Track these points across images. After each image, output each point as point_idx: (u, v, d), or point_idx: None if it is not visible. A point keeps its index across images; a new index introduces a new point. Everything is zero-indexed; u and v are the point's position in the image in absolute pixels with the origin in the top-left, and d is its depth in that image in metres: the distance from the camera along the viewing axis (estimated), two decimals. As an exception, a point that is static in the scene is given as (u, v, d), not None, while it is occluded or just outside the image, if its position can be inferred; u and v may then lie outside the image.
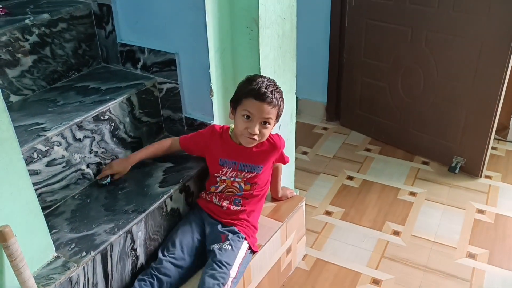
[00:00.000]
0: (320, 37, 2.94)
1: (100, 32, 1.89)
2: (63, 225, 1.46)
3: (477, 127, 2.43)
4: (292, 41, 1.88)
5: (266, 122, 1.51)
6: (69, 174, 1.56)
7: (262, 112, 1.48)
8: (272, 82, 1.53)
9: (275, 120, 1.55)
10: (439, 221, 2.25)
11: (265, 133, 1.53)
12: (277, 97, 1.50)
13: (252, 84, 1.50)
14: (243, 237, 1.57)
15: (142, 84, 1.78)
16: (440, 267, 1.99)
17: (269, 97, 1.48)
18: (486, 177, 2.54)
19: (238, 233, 1.56)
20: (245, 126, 1.51)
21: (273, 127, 1.58)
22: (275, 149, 1.63)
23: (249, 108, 1.49)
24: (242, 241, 1.56)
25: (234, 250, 1.51)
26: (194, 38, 1.66)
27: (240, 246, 1.54)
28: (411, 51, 2.54)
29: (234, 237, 1.54)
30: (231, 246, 1.51)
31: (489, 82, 2.30)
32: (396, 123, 2.78)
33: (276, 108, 1.51)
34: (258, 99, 1.48)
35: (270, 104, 1.48)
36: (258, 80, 1.51)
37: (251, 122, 1.50)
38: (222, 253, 1.48)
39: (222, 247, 1.50)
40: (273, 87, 1.50)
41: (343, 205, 2.38)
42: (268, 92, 1.48)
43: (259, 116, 1.49)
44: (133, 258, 1.51)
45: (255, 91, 1.48)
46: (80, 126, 1.56)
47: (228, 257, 1.48)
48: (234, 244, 1.52)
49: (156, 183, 1.64)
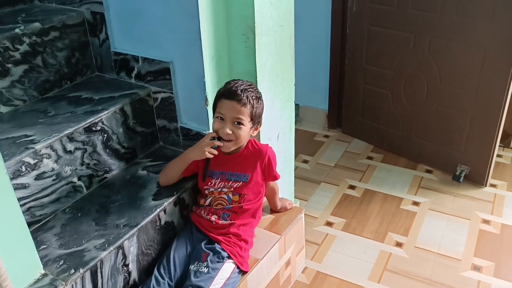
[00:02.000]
0: (321, 43, 2.89)
1: (93, 40, 1.85)
2: (52, 240, 1.41)
3: (482, 134, 2.37)
4: (290, 48, 1.84)
5: (239, 122, 1.47)
6: (59, 187, 1.52)
7: (232, 111, 1.45)
8: (247, 83, 1.51)
9: (251, 121, 1.49)
10: (443, 232, 2.19)
11: (240, 134, 1.48)
12: (248, 95, 1.46)
13: (225, 86, 1.50)
14: (225, 257, 1.50)
15: (136, 94, 1.73)
16: (444, 280, 1.92)
17: (238, 95, 1.45)
18: (491, 185, 2.48)
19: (220, 252, 1.49)
20: (218, 127, 1.49)
21: (255, 130, 1.53)
22: (261, 155, 1.58)
23: (221, 109, 1.48)
24: (222, 262, 1.48)
25: (211, 273, 1.44)
26: (188, 46, 1.61)
27: (219, 267, 1.46)
28: (413, 57, 2.49)
29: (213, 258, 1.48)
30: (207, 269, 1.44)
31: (493, 88, 2.24)
32: (399, 131, 2.72)
33: (248, 107, 1.46)
34: (228, 98, 1.46)
35: (239, 102, 1.45)
36: (232, 82, 1.50)
37: (224, 123, 1.47)
38: (196, 276, 1.43)
39: (198, 269, 1.45)
40: (245, 87, 1.48)
41: (345, 215, 2.32)
42: (238, 91, 1.45)
43: (230, 116, 1.46)
44: (125, 274, 1.46)
45: (226, 91, 1.48)
46: (70, 138, 1.52)
47: (202, 281, 1.42)
48: (212, 266, 1.45)
49: (149, 195, 1.59)
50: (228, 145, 1.50)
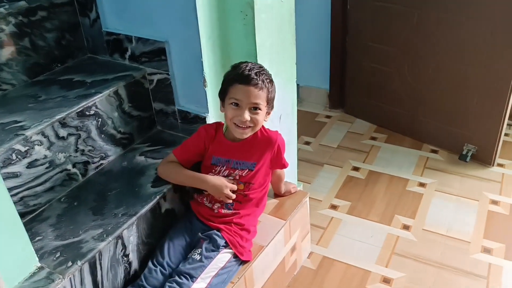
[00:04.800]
0: (321, 20, 2.79)
1: (84, 20, 1.75)
2: (47, 231, 1.34)
3: (489, 112, 2.29)
4: (291, 26, 1.75)
5: (256, 107, 1.39)
6: (53, 175, 1.44)
7: (250, 97, 1.37)
8: (257, 65, 1.42)
9: (267, 106, 1.42)
10: (451, 213, 2.13)
11: (258, 119, 1.41)
12: (263, 79, 1.38)
13: (236, 70, 1.41)
14: (221, 246, 1.43)
15: (130, 76, 1.65)
16: (454, 264, 1.87)
17: (254, 79, 1.36)
18: (498, 165, 2.41)
19: (216, 240, 1.43)
20: (234, 114, 1.40)
21: (268, 115, 1.46)
22: (270, 143, 1.50)
23: (236, 94, 1.38)
24: (218, 251, 1.42)
25: (203, 261, 1.37)
26: (184, 24, 1.53)
27: (213, 256, 1.40)
28: (419, 34, 2.39)
29: (208, 246, 1.41)
30: (200, 256, 1.38)
31: (502, 65, 2.15)
32: (403, 110, 2.65)
33: (265, 91, 1.39)
34: (243, 83, 1.37)
35: (256, 86, 1.37)
36: (242, 65, 1.40)
37: (240, 110, 1.39)
38: (188, 263, 1.37)
39: (191, 256, 1.39)
40: (258, 69, 1.39)
41: (350, 198, 2.26)
42: (252, 74, 1.37)
43: (247, 102, 1.38)
44: (125, 265, 1.40)
45: (238, 76, 1.38)
46: (63, 123, 1.44)
47: (192, 268, 1.35)
48: (206, 255, 1.39)
49: (148, 182, 1.52)
50: (246, 131, 1.43)
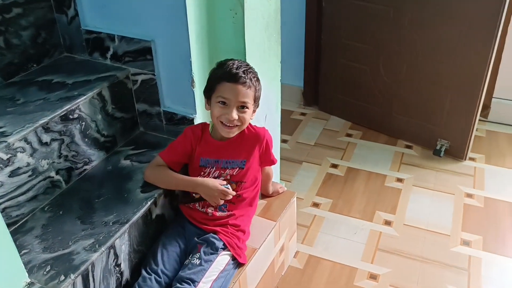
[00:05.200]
0: (295, 17, 2.78)
1: (60, 17, 1.66)
2: (34, 243, 1.27)
3: (462, 108, 2.37)
4: (276, 23, 1.73)
5: (243, 106, 1.37)
6: (36, 183, 1.36)
7: (238, 95, 1.35)
8: (244, 63, 1.40)
9: (254, 104, 1.40)
10: (429, 208, 2.18)
11: (245, 118, 1.39)
12: (251, 77, 1.37)
13: (223, 67, 1.38)
14: (220, 248, 1.40)
15: (114, 76, 1.58)
16: (436, 257, 1.92)
17: (242, 77, 1.35)
18: (470, 159, 2.49)
19: (214, 243, 1.40)
20: (221, 113, 1.37)
21: (253, 113, 1.44)
22: (258, 139, 1.48)
23: (224, 93, 1.36)
24: (217, 253, 1.39)
25: (203, 265, 1.34)
26: (172, 22, 1.47)
27: (213, 259, 1.37)
28: (392, 31, 2.43)
29: (207, 250, 1.38)
30: (200, 260, 1.35)
31: (475, 63, 2.22)
32: (378, 107, 2.69)
33: (252, 90, 1.37)
34: (231, 81, 1.35)
35: (244, 85, 1.35)
36: (229, 63, 1.38)
37: (228, 108, 1.36)
38: (187, 268, 1.34)
39: (190, 261, 1.35)
40: (245, 67, 1.37)
41: (331, 195, 2.27)
42: (240, 72, 1.35)
43: (235, 100, 1.35)
44: (117, 275, 1.34)
45: (226, 73, 1.36)
46: (46, 128, 1.36)
47: (193, 273, 1.32)
48: (206, 258, 1.36)
49: (137, 187, 1.46)
50: (233, 130, 1.40)
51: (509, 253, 1.93)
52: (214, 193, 1.41)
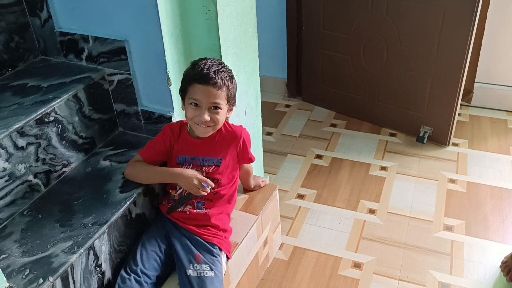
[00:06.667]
0: (276, 10, 2.78)
1: (34, 20, 1.65)
2: (12, 248, 1.27)
3: (444, 94, 2.38)
4: (252, 18, 1.73)
5: (216, 107, 1.37)
6: (13, 188, 1.37)
7: (209, 97, 1.34)
8: (216, 62, 1.38)
9: (228, 104, 1.40)
10: (413, 194, 2.20)
11: (218, 119, 1.38)
12: (222, 77, 1.35)
13: (194, 68, 1.37)
14: (218, 253, 1.43)
15: (89, 78, 1.58)
16: (419, 243, 1.95)
17: (212, 78, 1.33)
18: (453, 144, 2.52)
19: (212, 249, 1.42)
20: (194, 114, 1.37)
21: (230, 111, 1.45)
22: (235, 139, 1.48)
23: (195, 95, 1.35)
24: (219, 258, 1.42)
25: (218, 275, 1.37)
26: (145, 21, 1.47)
27: (221, 266, 1.40)
28: (372, 20, 2.44)
29: (212, 259, 1.40)
30: (213, 272, 1.37)
31: (454, 48, 2.23)
32: (360, 96, 2.70)
33: (224, 90, 1.36)
34: (202, 83, 1.34)
35: (215, 86, 1.34)
36: (201, 63, 1.36)
37: (200, 109, 1.36)
38: (204, 282, 1.34)
39: (202, 274, 1.36)
40: (217, 67, 1.36)
41: (315, 186, 2.29)
42: (211, 73, 1.33)
43: (206, 102, 1.35)
44: (98, 275, 1.35)
45: (197, 75, 1.34)
46: (21, 133, 1.36)
47: (213, 285, 1.35)
48: (216, 268, 1.38)
49: (116, 188, 1.47)
50: (207, 130, 1.40)
51: (491, 236, 1.96)
52: (193, 181, 1.40)
